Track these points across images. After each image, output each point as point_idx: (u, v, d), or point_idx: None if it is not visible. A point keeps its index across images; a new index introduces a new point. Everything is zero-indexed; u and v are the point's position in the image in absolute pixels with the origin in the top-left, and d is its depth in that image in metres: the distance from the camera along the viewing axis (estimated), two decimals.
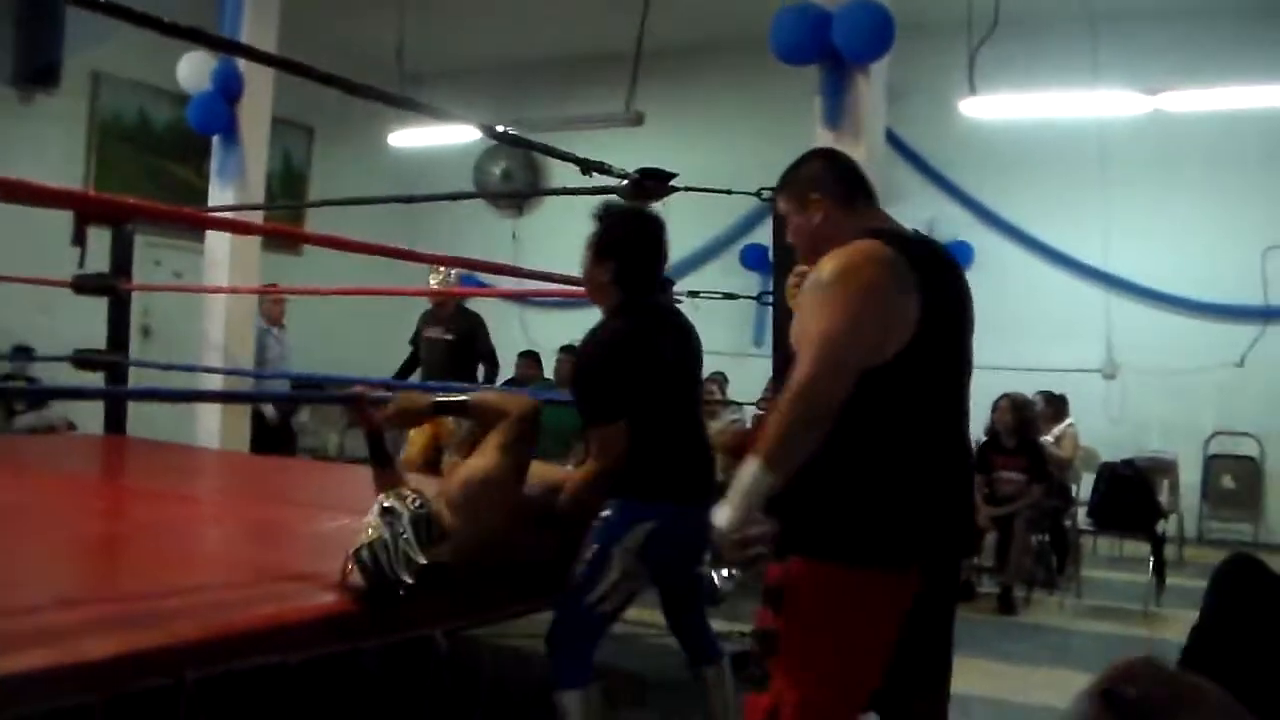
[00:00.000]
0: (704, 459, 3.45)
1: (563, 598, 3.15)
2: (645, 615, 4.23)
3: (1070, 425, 8.33)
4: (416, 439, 7.83)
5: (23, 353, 8.45)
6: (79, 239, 6.13)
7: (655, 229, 3.40)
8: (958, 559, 2.85)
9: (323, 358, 9.51)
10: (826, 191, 2.59)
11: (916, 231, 2.63)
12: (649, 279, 3.39)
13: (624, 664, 3.58)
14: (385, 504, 2.80)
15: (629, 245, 3.34)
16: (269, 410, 8.57)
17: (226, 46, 5.13)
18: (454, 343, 7.67)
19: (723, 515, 2.30)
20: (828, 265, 2.38)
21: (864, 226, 2.52)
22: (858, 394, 2.28)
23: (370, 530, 2.73)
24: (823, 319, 2.31)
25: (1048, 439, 7.92)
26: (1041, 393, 8.40)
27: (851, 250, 2.40)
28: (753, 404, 6.95)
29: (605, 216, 3.38)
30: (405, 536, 2.69)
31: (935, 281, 2.46)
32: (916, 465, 2.41)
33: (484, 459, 3.08)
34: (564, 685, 3.08)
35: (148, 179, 10.14)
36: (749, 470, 2.28)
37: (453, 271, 7.70)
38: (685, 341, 3.46)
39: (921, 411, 2.42)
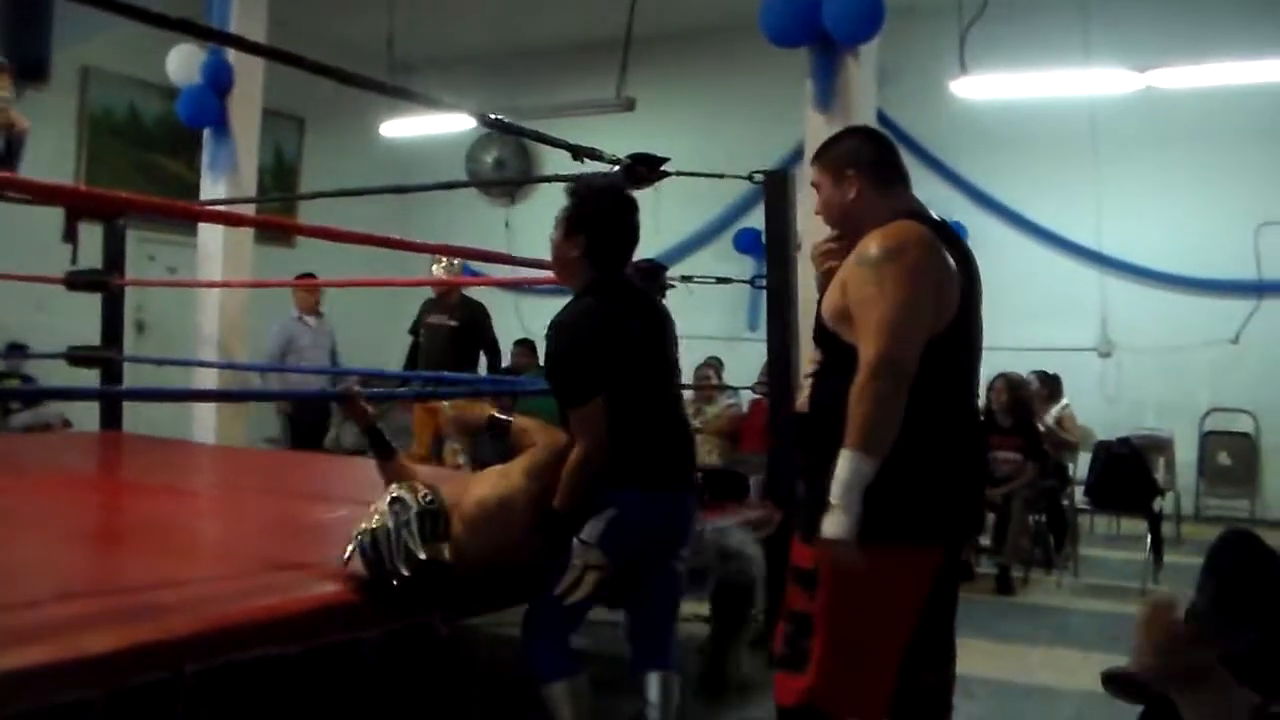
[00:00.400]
0: (679, 444, 3.32)
1: (535, 590, 3.11)
2: None
3: (1066, 406, 8.34)
4: (421, 433, 7.85)
5: (17, 350, 8.44)
6: (70, 235, 6.12)
7: (627, 206, 3.29)
8: (972, 535, 2.93)
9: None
10: (862, 169, 2.65)
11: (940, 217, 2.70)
12: (619, 257, 3.29)
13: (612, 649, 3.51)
14: (395, 494, 2.80)
15: (600, 221, 3.23)
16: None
17: (216, 37, 5.11)
18: (457, 330, 7.69)
19: (834, 523, 2.32)
20: (874, 244, 2.45)
21: (897, 208, 2.59)
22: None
23: (375, 518, 2.74)
24: (882, 298, 2.36)
25: (1048, 421, 7.92)
26: (1036, 372, 8.41)
27: (897, 230, 2.48)
28: (748, 388, 6.95)
29: (577, 191, 3.29)
30: (410, 528, 2.70)
31: (965, 264, 2.55)
32: (943, 445, 2.49)
33: (507, 482, 3.10)
34: (547, 678, 3.04)
35: (139, 174, 10.10)
36: (846, 465, 2.31)
37: (455, 260, 7.72)
38: (656, 323, 3.33)
39: (949, 393, 2.51)
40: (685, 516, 3.27)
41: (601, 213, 3.24)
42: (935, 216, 2.66)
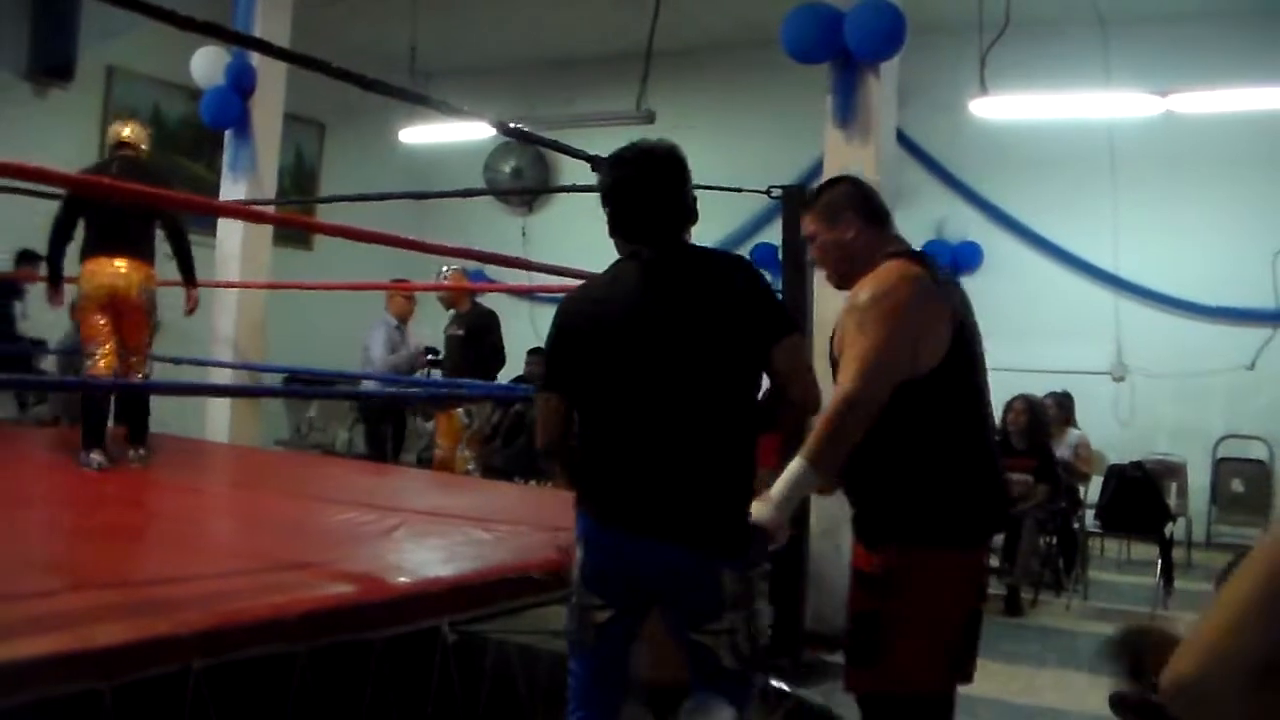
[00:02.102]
0: (652, 475, 2.54)
1: None
2: None
3: (1082, 436, 8.27)
4: (445, 440, 7.88)
5: (35, 345, 8.48)
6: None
7: (646, 164, 2.69)
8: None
9: (337, 352, 9.54)
10: (858, 209, 2.85)
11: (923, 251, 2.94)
12: (637, 225, 2.67)
13: None
14: None
15: (614, 188, 2.70)
16: None
17: (243, 41, 5.15)
18: (464, 338, 7.76)
19: (764, 511, 2.51)
20: (864, 290, 2.66)
21: (891, 248, 2.80)
22: (929, 406, 2.62)
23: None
24: (862, 340, 2.58)
25: (1064, 452, 7.84)
26: (1050, 394, 8.38)
27: (884, 273, 2.69)
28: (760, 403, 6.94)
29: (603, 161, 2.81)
30: None
31: (956, 295, 2.79)
32: (974, 457, 2.74)
33: None
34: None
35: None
36: (796, 469, 2.52)
37: (445, 269, 7.85)
38: (666, 305, 2.57)
39: (969, 410, 2.75)
40: (670, 571, 2.53)
41: (614, 178, 2.72)
42: (924, 253, 2.87)
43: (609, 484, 2.59)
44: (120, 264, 5.40)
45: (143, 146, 5.81)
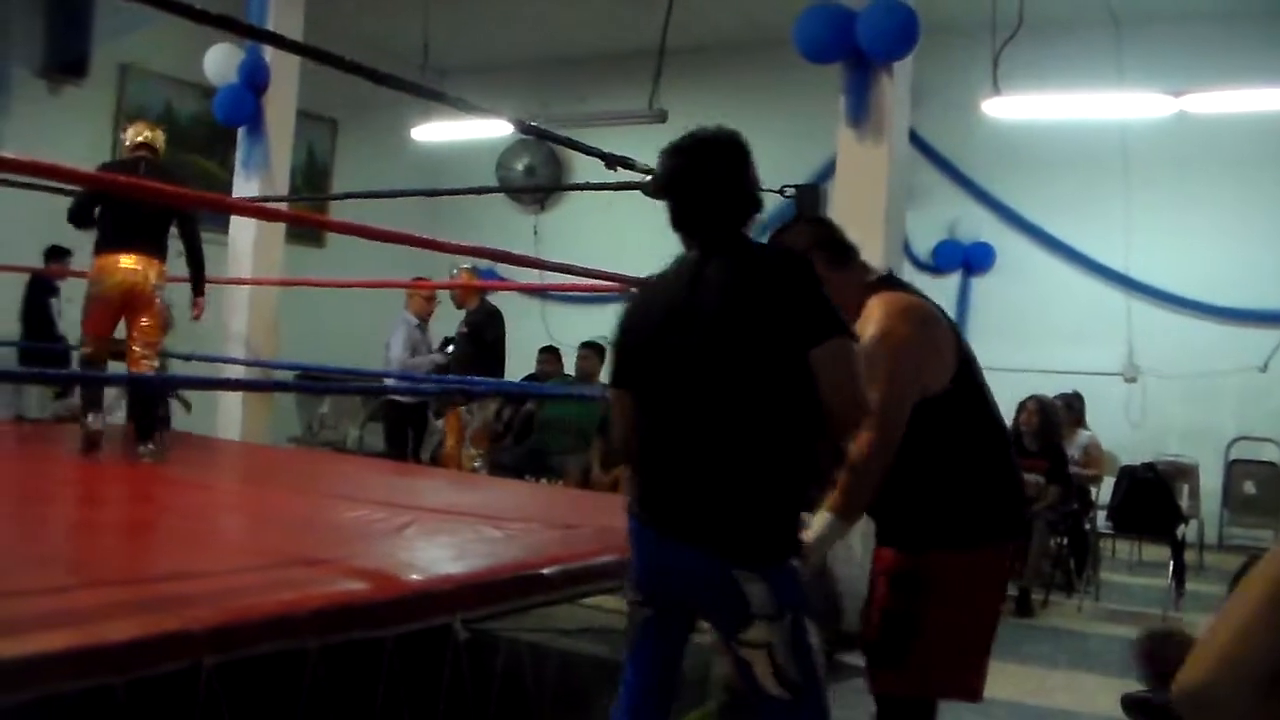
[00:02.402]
0: (677, 478, 2.49)
1: None
2: None
3: (1092, 436, 8.26)
4: (451, 438, 7.92)
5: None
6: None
7: (701, 153, 2.57)
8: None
9: (348, 349, 9.56)
10: (822, 248, 2.81)
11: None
12: (691, 218, 2.57)
13: None
14: None
15: (668, 180, 2.59)
16: None
17: (258, 35, 5.18)
18: (468, 336, 7.81)
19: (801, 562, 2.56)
20: (868, 330, 2.70)
21: (865, 280, 2.87)
22: (948, 418, 2.74)
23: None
24: (873, 384, 2.56)
25: (1075, 453, 7.82)
26: (1060, 395, 8.36)
27: (878, 311, 2.75)
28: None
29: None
30: None
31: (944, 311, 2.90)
32: (997, 462, 2.87)
33: None
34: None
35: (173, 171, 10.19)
36: (826, 524, 2.65)
37: (456, 268, 7.88)
38: (704, 304, 2.47)
39: (985, 417, 2.87)
40: (693, 575, 2.47)
41: (666, 172, 2.60)
42: (895, 276, 2.99)
43: (646, 484, 2.57)
44: (132, 259, 5.46)
45: (159, 149, 5.92)
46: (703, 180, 2.55)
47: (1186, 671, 1.39)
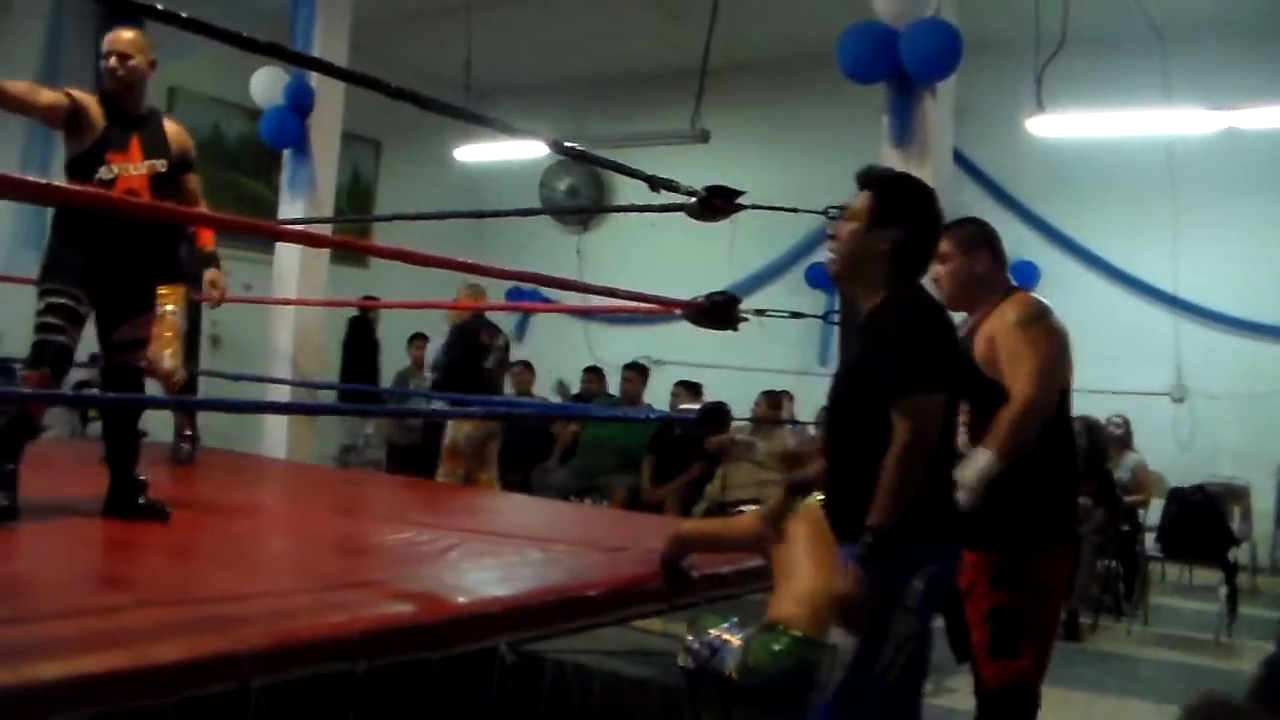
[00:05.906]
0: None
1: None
2: None
3: (1140, 459, 8.14)
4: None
5: (97, 361, 8.60)
6: None
7: (935, 199, 2.77)
8: None
9: (393, 370, 9.63)
10: (990, 246, 3.33)
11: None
12: (924, 258, 2.78)
13: None
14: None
15: (915, 212, 2.71)
16: None
17: (303, 61, 5.22)
18: (441, 351, 7.81)
19: (964, 495, 2.90)
20: (1017, 311, 3.17)
21: (1009, 284, 3.33)
22: (1054, 420, 3.14)
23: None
24: (1031, 353, 3.09)
25: (1122, 475, 7.72)
26: (1110, 417, 8.25)
27: (1029, 302, 3.24)
28: (813, 423, 6.90)
29: (885, 177, 2.82)
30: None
31: None
32: (1070, 464, 3.34)
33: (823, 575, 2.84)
34: None
35: (220, 192, 10.29)
36: (985, 460, 2.98)
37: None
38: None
39: (1067, 427, 3.30)
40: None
41: (916, 204, 2.73)
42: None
43: (947, 493, 2.84)
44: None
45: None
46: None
47: None
